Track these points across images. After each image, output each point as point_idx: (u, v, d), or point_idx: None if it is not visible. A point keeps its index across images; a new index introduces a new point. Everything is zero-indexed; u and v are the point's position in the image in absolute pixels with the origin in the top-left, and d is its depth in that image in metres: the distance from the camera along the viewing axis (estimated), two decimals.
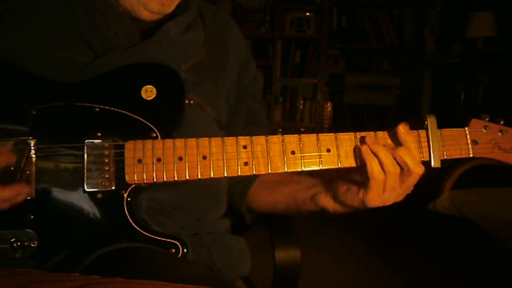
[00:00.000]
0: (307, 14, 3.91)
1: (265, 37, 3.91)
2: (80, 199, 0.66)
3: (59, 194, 0.66)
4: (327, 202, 0.73)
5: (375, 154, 0.65)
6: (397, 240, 2.78)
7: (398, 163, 0.65)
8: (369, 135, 0.68)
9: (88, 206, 0.66)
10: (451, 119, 0.71)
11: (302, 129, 3.91)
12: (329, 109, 3.96)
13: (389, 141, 0.68)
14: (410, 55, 3.88)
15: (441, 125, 0.70)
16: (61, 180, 0.66)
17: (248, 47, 0.95)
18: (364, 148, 0.65)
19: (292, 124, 3.95)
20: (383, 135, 0.68)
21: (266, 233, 0.92)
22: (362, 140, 0.67)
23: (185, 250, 0.68)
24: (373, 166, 0.64)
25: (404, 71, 3.93)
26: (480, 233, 2.01)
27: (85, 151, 0.66)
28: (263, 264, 0.98)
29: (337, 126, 3.86)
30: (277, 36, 3.88)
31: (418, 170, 0.64)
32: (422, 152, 0.68)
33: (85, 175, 0.66)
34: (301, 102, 3.97)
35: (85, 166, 0.66)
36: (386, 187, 0.65)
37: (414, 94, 3.81)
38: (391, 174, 0.64)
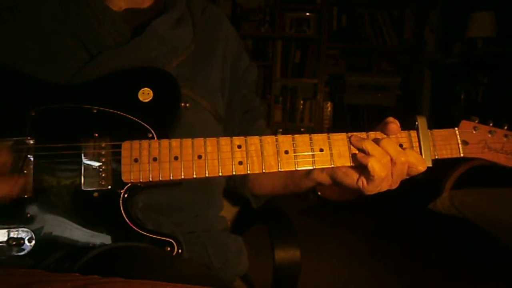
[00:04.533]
0: (307, 14, 3.91)
1: (265, 37, 3.92)
2: (77, 198, 0.67)
3: (56, 192, 0.67)
4: (323, 177, 0.74)
5: (364, 150, 0.66)
6: (397, 240, 2.79)
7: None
8: (355, 135, 0.69)
9: (85, 205, 0.67)
10: (451, 119, 0.72)
11: (302, 129, 3.91)
12: (329, 109, 3.96)
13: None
14: (410, 55, 3.88)
15: (441, 125, 0.71)
16: (59, 179, 0.67)
17: (239, 38, 0.97)
18: (360, 155, 0.66)
19: (292, 124, 3.95)
20: (374, 135, 0.69)
21: (266, 233, 0.92)
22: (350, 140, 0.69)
23: (180, 250, 0.68)
24: (373, 165, 0.65)
25: (404, 71, 3.93)
26: (480, 233, 2.01)
27: (82, 150, 0.67)
28: (263, 264, 0.98)
29: (337, 126, 3.86)
30: (277, 36, 3.88)
31: (400, 160, 0.66)
32: None
33: (82, 174, 0.67)
34: (301, 102, 3.97)
35: (82, 166, 0.67)
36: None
37: (414, 94, 3.81)
38: (383, 164, 0.65)
